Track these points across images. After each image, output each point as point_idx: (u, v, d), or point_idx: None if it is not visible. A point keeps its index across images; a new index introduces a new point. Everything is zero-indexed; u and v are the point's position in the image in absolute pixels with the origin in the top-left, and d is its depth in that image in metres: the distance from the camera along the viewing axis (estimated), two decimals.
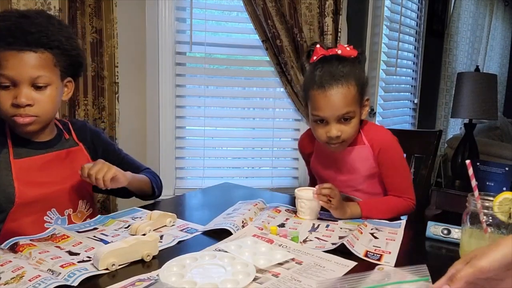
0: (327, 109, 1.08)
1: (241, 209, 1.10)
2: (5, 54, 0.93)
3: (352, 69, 1.10)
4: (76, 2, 1.41)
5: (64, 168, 1.06)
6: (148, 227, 0.95)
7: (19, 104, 0.93)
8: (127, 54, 1.66)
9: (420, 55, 2.99)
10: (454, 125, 3.58)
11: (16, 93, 0.94)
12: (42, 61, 0.96)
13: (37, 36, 0.94)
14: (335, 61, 1.10)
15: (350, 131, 1.11)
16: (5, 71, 0.92)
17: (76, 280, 0.71)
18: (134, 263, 0.80)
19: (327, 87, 1.07)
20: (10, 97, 0.94)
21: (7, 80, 0.93)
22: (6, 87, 0.94)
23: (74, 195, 1.07)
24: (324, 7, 1.88)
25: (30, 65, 0.94)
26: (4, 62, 0.93)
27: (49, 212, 1.02)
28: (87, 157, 1.13)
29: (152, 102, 1.85)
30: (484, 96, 2.49)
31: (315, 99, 1.09)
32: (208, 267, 0.75)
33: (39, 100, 0.96)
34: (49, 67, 0.97)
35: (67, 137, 1.11)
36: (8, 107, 0.94)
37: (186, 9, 1.87)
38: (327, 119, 1.09)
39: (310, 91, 1.11)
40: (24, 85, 0.94)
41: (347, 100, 1.07)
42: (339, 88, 1.07)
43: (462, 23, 3.45)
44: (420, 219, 1.43)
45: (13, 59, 0.93)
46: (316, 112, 1.10)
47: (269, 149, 2.10)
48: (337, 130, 1.09)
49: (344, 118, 1.09)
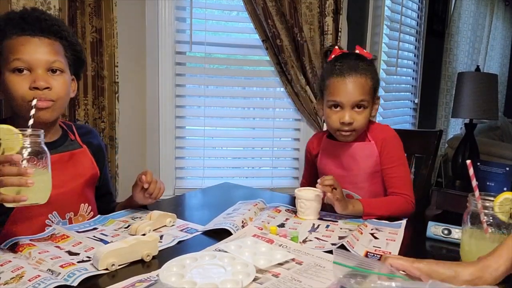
0: (344, 95, 1.15)
1: (241, 209, 1.10)
2: (20, 39, 0.95)
3: (369, 67, 1.19)
4: (76, 1, 1.41)
5: (67, 171, 1.04)
6: (148, 227, 0.95)
7: (38, 87, 0.93)
8: (127, 53, 1.66)
9: (421, 55, 2.98)
10: (454, 125, 3.58)
11: (33, 77, 0.94)
12: (56, 48, 0.99)
13: (49, 23, 0.98)
14: (354, 57, 1.19)
15: (362, 121, 1.17)
16: (22, 55, 0.93)
17: (76, 280, 0.70)
18: (134, 263, 0.80)
19: (346, 75, 1.15)
20: (27, 81, 0.94)
21: (24, 64, 0.94)
22: (21, 72, 0.94)
23: (76, 198, 1.06)
24: (324, 7, 1.88)
25: (46, 50, 0.96)
26: (20, 47, 0.94)
27: (51, 215, 1.00)
28: (91, 159, 1.12)
29: (152, 102, 1.85)
30: (485, 96, 2.49)
31: (334, 85, 1.17)
32: (208, 267, 0.75)
33: (55, 85, 0.97)
34: (61, 54, 1.00)
35: (72, 138, 1.11)
36: (25, 91, 0.93)
37: (186, 8, 1.87)
38: (342, 105, 1.16)
39: (329, 79, 1.18)
40: (41, 69, 0.95)
41: (363, 90, 1.16)
42: (357, 77, 1.15)
43: (462, 22, 3.45)
44: (420, 219, 1.43)
45: (29, 44, 0.95)
46: (333, 98, 1.17)
47: (269, 149, 2.10)
48: (350, 116, 1.16)
49: (358, 106, 1.16)
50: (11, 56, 0.94)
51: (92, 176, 1.12)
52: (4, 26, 0.96)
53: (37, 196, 0.77)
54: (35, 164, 0.77)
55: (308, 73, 1.90)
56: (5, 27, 0.96)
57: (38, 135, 0.78)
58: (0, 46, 0.95)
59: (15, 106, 0.96)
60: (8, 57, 0.94)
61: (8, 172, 0.72)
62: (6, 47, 0.95)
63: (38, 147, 0.78)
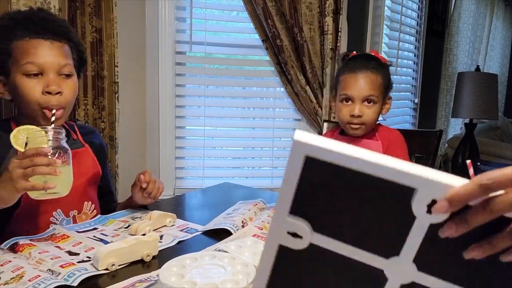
0: (355, 89, 1.21)
1: (241, 209, 1.09)
2: (32, 42, 0.95)
3: (380, 66, 1.25)
4: (76, 1, 1.41)
5: None
6: (148, 227, 0.95)
7: (51, 92, 0.94)
8: (127, 53, 1.66)
9: (421, 55, 2.98)
10: (454, 125, 3.58)
11: (45, 80, 0.95)
12: (66, 50, 0.99)
13: (57, 25, 0.99)
14: (367, 57, 1.26)
15: (371, 115, 1.22)
16: (35, 59, 0.94)
17: (76, 280, 0.70)
18: (134, 263, 0.80)
19: (358, 71, 1.21)
20: (40, 85, 0.95)
21: (36, 67, 0.94)
22: (35, 76, 0.95)
23: (79, 196, 1.06)
24: (324, 7, 1.88)
25: (57, 53, 0.97)
26: (33, 50, 0.94)
27: (55, 212, 1.01)
28: (93, 158, 1.12)
29: (152, 102, 1.85)
30: (485, 96, 2.49)
31: (346, 80, 1.23)
32: (208, 267, 0.75)
33: (65, 89, 0.98)
34: (70, 57, 1.01)
35: (74, 137, 1.11)
36: (39, 96, 0.94)
37: (186, 8, 1.87)
38: (353, 98, 1.21)
39: (342, 76, 1.25)
40: (53, 72, 0.96)
41: (374, 85, 1.21)
42: (368, 73, 1.21)
43: (462, 22, 3.45)
44: None
45: (42, 47, 0.95)
46: (345, 91, 1.22)
47: (269, 149, 2.10)
48: (359, 110, 1.21)
49: (368, 100, 1.21)
50: (23, 59, 0.94)
51: (95, 174, 1.12)
52: (13, 27, 0.95)
53: (61, 187, 0.84)
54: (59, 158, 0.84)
55: (308, 73, 1.90)
56: (14, 28, 0.95)
57: (59, 132, 0.85)
58: (9, 47, 0.95)
59: (26, 108, 0.98)
60: (19, 60, 0.94)
61: (41, 162, 0.78)
62: (17, 48, 0.95)
63: (60, 143, 0.84)
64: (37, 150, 0.80)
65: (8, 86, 0.98)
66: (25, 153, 0.80)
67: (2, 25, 0.97)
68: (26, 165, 0.78)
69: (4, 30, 0.95)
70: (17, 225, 0.96)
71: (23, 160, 0.79)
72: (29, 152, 0.79)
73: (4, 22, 0.97)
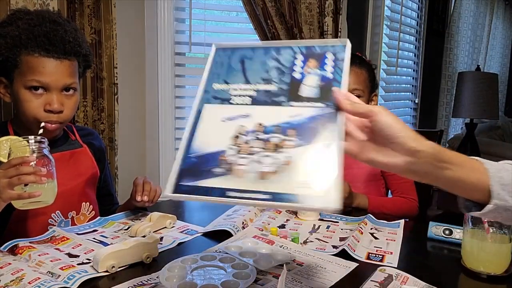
0: None
1: (241, 210, 1.09)
2: (42, 60, 0.95)
3: (365, 63, 1.31)
4: (74, 2, 1.41)
5: (68, 170, 1.05)
6: (148, 229, 0.95)
7: (52, 110, 0.95)
8: (126, 55, 1.66)
9: (421, 55, 2.98)
10: (455, 125, 3.58)
11: (48, 98, 0.96)
12: (74, 68, 1.00)
13: (73, 45, 0.98)
14: (354, 55, 1.27)
15: None
16: (42, 77, 0.94)
17: (76, 282, 0.70)
18: (134, 265, 0.79)
19: None
20: (41, 102, 0.96)
21: (41, 84, 0.95)
22: (36, 90, 0.95)
23: (77, 197, 1.07)
24: (324, 7, 1.88)
25: (66, 73, 0.97)
26: (41, 69, 0.95)
27: (53, 214, 1.01)
28: (91, 159, 1.13)
29: (152, 103, 1.84)
30: (485, 95, 2.49)
31: None
32: (208, 268, 0.75)
33: (67, 106, 0.99)
34: (77, 73, 1.02)
35: (73, 138, 1.12)
36: (39, 112, 0.96)
37: (185, 9, 1.87)
38: None
39: None
40: (57, 91, 0.96)
41: (358, 79, 1.24)
42: (352, 67, 1.20)
43: (462, 22, 3.45)
44: (421, 219, 1.42)
45: (51, 66, 0.95)
46: None
47: None
48: None
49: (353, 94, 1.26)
50: (29, 75, 0.94)
51: (93, 175, 1.12)
52: (26, 40, 0.94)
53: (46, 195, 0.83)
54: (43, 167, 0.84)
55: None
56: (27, 42, 0.94)
57: (42, 141, 0.85)
58: (18, 58, 0.95)
59: (24, 121, 0.99)
60: (26, 74, 0.95)
61: (26, 171, 0.79)
62: (25, 61, 0.94)
63: (42, 152, 0.84)
64: (22, 159, 0.80)
65: (10, 90, 0.99)
66: (10, 162, 0.80)
67: (13, 35, 0.94)
68: (11, 175, 0.78)
69: (14, 40, 0.94)
70: (16, 226, 0.96)
71: (8, 170, 0.79)
72: (14, 161, 0.80)
73: (15, 31, 0.95)
